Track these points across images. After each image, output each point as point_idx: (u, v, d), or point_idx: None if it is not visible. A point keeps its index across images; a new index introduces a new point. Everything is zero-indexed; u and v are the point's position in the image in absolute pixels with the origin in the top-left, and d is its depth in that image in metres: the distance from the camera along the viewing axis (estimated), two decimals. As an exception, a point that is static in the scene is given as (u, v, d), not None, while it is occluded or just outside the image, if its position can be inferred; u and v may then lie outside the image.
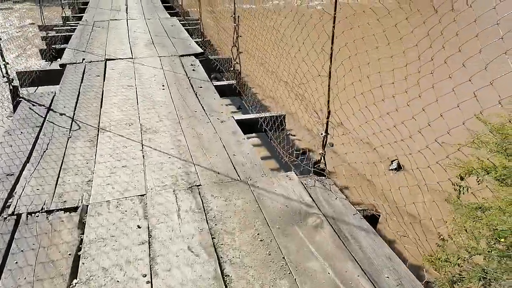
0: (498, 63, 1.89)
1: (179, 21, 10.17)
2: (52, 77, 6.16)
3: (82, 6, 12.63)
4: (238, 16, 5.27)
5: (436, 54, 2.07)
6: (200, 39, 8.34)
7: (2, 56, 4.84)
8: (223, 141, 3.96)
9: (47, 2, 11.72)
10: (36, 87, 6.20)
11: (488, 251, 3.41)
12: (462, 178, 3.99)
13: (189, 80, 5.69)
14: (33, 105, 4.74)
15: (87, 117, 4.47)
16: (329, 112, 3.00)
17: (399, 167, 6.47)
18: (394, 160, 6.53)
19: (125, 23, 9.60)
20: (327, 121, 3.02)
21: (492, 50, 1.77)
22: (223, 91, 5.75)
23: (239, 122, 4.49)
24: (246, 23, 5.62)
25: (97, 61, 6.48)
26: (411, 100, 2.32)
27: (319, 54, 2.85)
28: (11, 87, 4.92)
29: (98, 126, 4.24)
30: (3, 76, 4.86)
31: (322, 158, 3.22)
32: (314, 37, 3.05)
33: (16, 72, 6.04)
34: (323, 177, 3.32)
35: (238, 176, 3.36)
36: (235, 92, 5.75)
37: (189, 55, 6.88)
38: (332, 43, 2.78)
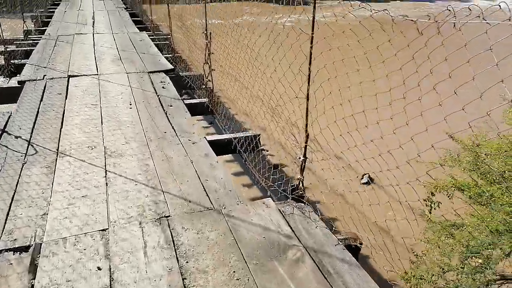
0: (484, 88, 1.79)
1: (149, 36, 9.90)
2: (9, 96, 5.73)
3: (46, 20, 12.10)
4: (210, 33, 5.09)
5: (423, 79, 1.96)
6: (171, 55, 8.09)
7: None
8: (195, 164, 3.71)
9: (6, 14, 11.13)
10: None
11: (461, 267, 3.33)
12: (433, 194, 3.93)
13: (159, 98, 5.43)
14: (-15, 127, 4.33)
15: (45, 140, 4.10)
16: (307, 136, 2.83)
17: (370, 181, 6.43)
18: (365, 174, 6.50)
19: (91, 38, 9.22)
20: (305, 146, 2.85)
21: (484, 76, 1.66)
22: (194, 110, 5.52)
23: (212, 143, 4.26)
24: (219, 40, 5.45)
25: (60, 77, 6.10)
26: (398, 128, 2.18)
27: (296, 76, 2.69)
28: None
29: (57, 150, 3.89)
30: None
31: (301, 183, 3.04)
32: (291, 57, 2.90)
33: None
34: (302, 204, 3.14)
35: (212, 204, 3.12)
36: (207, 111, 5.53)
37: (159, 71, 6.61)
38: (310, 63, 2.63)
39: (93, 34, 9.61)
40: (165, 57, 7.74)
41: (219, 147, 4.42)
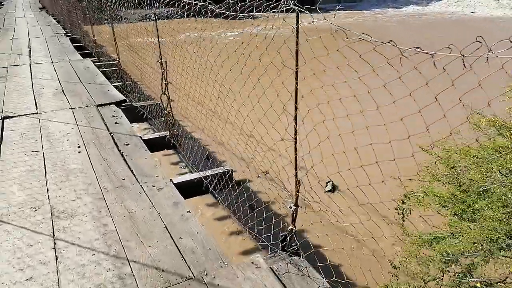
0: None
1: (94, 62, 9.15)
2: None
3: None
4: (166, 62, 4.58)
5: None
6: (120, 83, 7.45)
7: None
8: (164, 218, 3.17)
9: None
10: None
11: (440, 277, 3.16)
12: (403, 202, 3.74)
13: (112, 136, 4.81)
14: None
15: (-26, 204, 3.38)
16: (298, 182, 2.42)
17: (333, 189, 6.19)
18: (328, 182, 6.26)
19: (28, 69, 8.33)
20: (297, 194, 2.43)
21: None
22: (155, 146, 4.96)
23: (180, 186, 3.74)
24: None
25: (-9, 120, 5.28)
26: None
27: (280, 115, 2.30)
28: None
29: (-9, 216, 3.19)
30: None
31: (294, 235, 2.61)
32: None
33: None
34: (296, 257, 2.70)
35: (190, 270, 2.60)
36: (170, 145, 4.98)
37: (109, 104, 5.97)
38: (296, 95, 2.24)
39: (30, 65, 8.70)
40: (114, 85, 7.09)
41: (189, 190, 3.91)
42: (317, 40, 2.14)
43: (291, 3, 2.04)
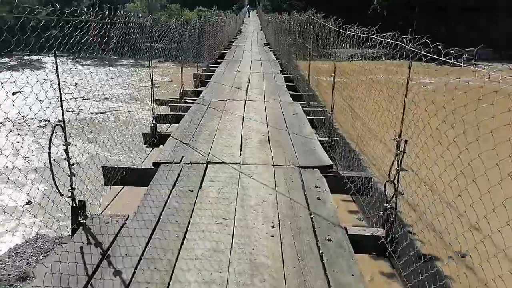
0: None
1: (303, 107, 8.69)
2: (141, 178, 4.94)
3: (205, 80, 12.24)
4: (406, 141, 3.31)
5: None
6: (327, 138, 6.57)
7: (67, 154, 3.65)
8: None
9: (186, 63, 11.56)
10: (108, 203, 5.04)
11: None
12: None
13: (312, 219, 3.81)
14: (89, 241, 3.34)
15: (150, 285, 2.83)
16: None
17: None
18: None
19: (243, 106, 8.46)
20: None
21: None
22: (360, 245, 3.70)
23: None
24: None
25: (197, 163, 5.10)
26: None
27: None
28: (74, 204, 3.66)
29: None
30: (68, 192, 3.63)
31: None
32: None
33: (102, 167, 4.98)
34: None
35: None
36: (383, 252, 3.63)
37: (313, 167, 5.08)
38: None
39: (245, 101, 8.89)
40: (320, 141, 6.25)
41: None
42: None
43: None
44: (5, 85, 3.15)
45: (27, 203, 7.61)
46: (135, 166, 5.16)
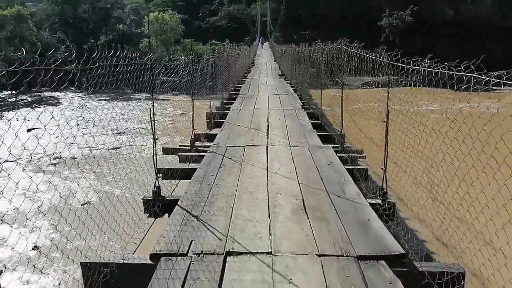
0: None
1: (336, 152, 7.27)
2: (132, 279, 3.52)
3: (220, 120, 10.95)
4: None
5: None
6: (380, 201, 5.05)
7: None
8: None
9: (199, 95, 10.48)
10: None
11: None
12: None
13: None
14: None
15: None
16: None
17: None
18: None
19: (265, 153, 7.08)
20: None
21: None
22: None
23: None
24: None
25: (212, 253, 3.66)
26: None
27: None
28: None
29: None
30: None
31: None
32: None
33: (81, 263, 3.57)
34: None
35: None
36: None
37: (376, 258, 3.57)
38: None
39: (266, 147, 7.51)
40: (371, 204, 4.76)
41: None
42: None
43: None
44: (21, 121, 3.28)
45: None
46: (123, 261, 3.72)
